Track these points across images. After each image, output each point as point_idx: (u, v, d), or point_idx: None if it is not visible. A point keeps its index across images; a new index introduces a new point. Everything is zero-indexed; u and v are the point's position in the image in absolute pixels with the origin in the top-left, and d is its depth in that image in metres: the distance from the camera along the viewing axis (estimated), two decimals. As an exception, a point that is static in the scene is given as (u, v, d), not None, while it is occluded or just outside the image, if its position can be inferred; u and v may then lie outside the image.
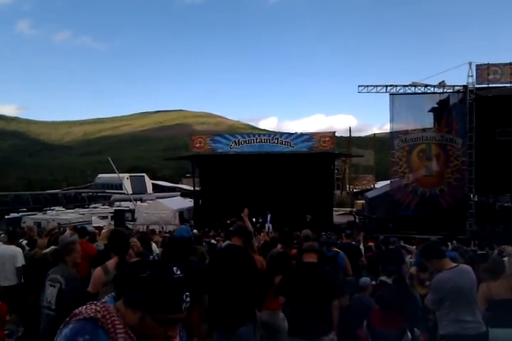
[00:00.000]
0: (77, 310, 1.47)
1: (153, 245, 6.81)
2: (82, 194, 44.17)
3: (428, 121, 21.23)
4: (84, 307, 1.46)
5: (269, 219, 20.86)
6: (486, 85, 19.55)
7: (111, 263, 3.56)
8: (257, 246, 5.97)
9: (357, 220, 24.97)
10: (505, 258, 5.45)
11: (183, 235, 5.62)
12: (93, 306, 1.45)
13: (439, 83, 20.24)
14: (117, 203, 32.14)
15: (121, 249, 3.63)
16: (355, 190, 41.23)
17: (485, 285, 4.51)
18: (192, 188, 28.14)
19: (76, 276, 3.71)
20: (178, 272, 1.44)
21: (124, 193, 36.82)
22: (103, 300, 1.54)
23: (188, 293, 1.42)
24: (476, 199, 20.49)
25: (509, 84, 19.28)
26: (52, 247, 6.15)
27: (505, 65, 19.32)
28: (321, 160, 23.23)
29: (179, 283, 1.42)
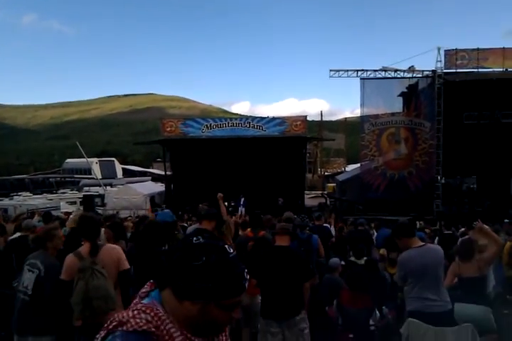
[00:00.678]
0: (120, 317, 1.23)
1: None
2: (50, 179, 43.09)
3: (397, 106, 21.52)
4: (131, 314, 1.23)
5: (242, 202, 20.93)
6: (454, 70, 19.91)
7: (84, 249, 3.48)
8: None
9: (328, 203, 25.33)
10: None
11: (167, 220, 5.55)
12: (142, 315, 1.22)
13: (409, 68, 20.50)
14: (86, 188, 31.51)
15: (91, 234, 3.55)
16: (326, 173, 41.65)
17: (456, 264, 4.68)
18: (163, 173, 27.87)
19: (56, 264, 3.62)
20: (231, 250, 1.29)
21: (93, 178, 36.16)
22: (144, 297, 1.31)
23: (246, 269, 1.30)
24: (443, 181, 21.07)
25: (476, 69, 19.68)
26: (18, 233, 6.02)
27: (473, 50, 19.67)
28: (292, 144, 23.33)
29: (236, 261, 1.29)
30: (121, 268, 3.48)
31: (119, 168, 51.65)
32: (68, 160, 54.46)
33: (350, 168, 35.84)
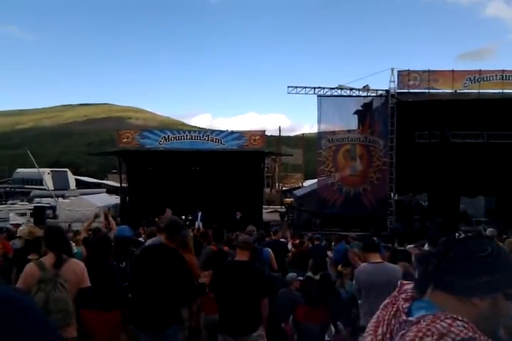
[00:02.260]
0: (434, 329, 1.11)
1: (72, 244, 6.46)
2: (-1, 189, 41.33)
3: (353, 123, 22.07)
4: (445, 324, 1.12)
5: (199, 217, 20.74)
6: (407, 90, 20.63)
7: (47, 259, 3.37)
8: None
9: (285, 218, 25.49)
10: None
11: (125, 235, 5.41)
12: (458, 322, 1.12)
13: (364, 87, 21.05)
14: (37, 199, 30.37)
15: (58, 245, 3.46)
16: (284, 188, 42.00)
17: None
18: (118, 184, 27.27)
19: None
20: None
21: (45, 189, 34.94)
22: (405, 307, 1.23)
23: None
24: (396, 198, 21.66)
25: (427, 90, 20.52)
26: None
27: (424, 71, 20.52)
28: (251, 159, 23.41)
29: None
30: (82, 284, 3.41)
31: (72, 179, 50.15)
32: (19, 170, 52.33)
33: (307, 183, 36.32)
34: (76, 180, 51.80)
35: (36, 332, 0.93)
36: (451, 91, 20.37)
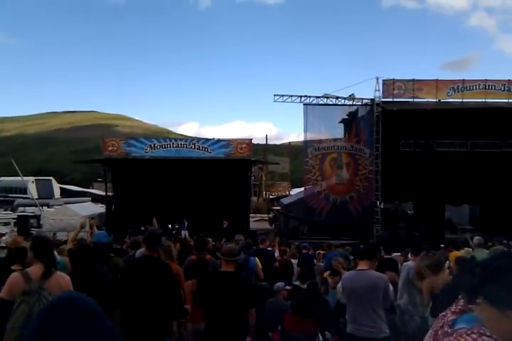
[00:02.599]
0: None
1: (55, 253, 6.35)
2: (-19, 198, 40.75)
3: (339, 131, 22.25)
4: (471, 339, 1.17)
5: (186, 225, 20.62)
6: (392, 99, 20.89)
7: (34, 270, 3.29)
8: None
9: (272, 226, 25.48)
10: (410, 262, 5.84)
11: (102, 241, 5.36)
12: (485, 338, 1.16)
13: (349, 96, 21.23)
14: (21, 208, 30.01)
15: (46, 257, 3.40)
16: (271, 197, 42.02)
17: (428, 281, 4.83)
18: (104, 193, 27.01)
19: None
20: None
21: (29, 198, 34.53)
22: (450, 319, 1.27)
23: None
24: (382, 206, 21.80)
25: (412, 99, 20.79)
26: None
27: (408, 81, 20.81)
28: (238, 167, 23.40)
29: None
30: None
31: (56, 187, 49.66)
32: (2, 178, 51.62)
33: (294, 191, 36.39)
34: (61, 188, 51.32)
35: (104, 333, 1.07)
36: (434, 100, 20.68)
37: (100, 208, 27.96)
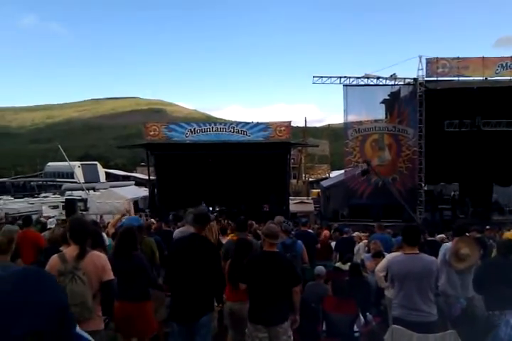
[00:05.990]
0: None
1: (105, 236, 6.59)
2: (32, 183, 42.50)
3: (380, 112, 21.77)
4: None
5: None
6: (435, 78, 20.20)
7: (69, 251, 3.36)
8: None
9: (312, 209, 25.43)
10: (448, 244, 5.77)
11: (133, 224, 5.57)
12: None
13: (391, 75, 20.70)
14: (69, 192, 31.12)
15: (81, 237, 3.43)
16: (310, 179, 41.81)
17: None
18: (147, 177, 27.66)
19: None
20: None
21: (76, 182, 35.73)
22: None
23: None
24: (426, 188, 21.30)
25: (456, 78, 20.02)
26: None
27: (453, 59, 20.03)
28: (277, 150, 23.34)
29: None
30: (105, 278, 3.34)
31: (101, 171, 51.14)
32: (50, 163, 53.66)
33: (334, 174, 36.06)
34: (106, 172, 52.81)
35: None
36: (481, 78, 19.83)
37: (144, 191, 28.67)
